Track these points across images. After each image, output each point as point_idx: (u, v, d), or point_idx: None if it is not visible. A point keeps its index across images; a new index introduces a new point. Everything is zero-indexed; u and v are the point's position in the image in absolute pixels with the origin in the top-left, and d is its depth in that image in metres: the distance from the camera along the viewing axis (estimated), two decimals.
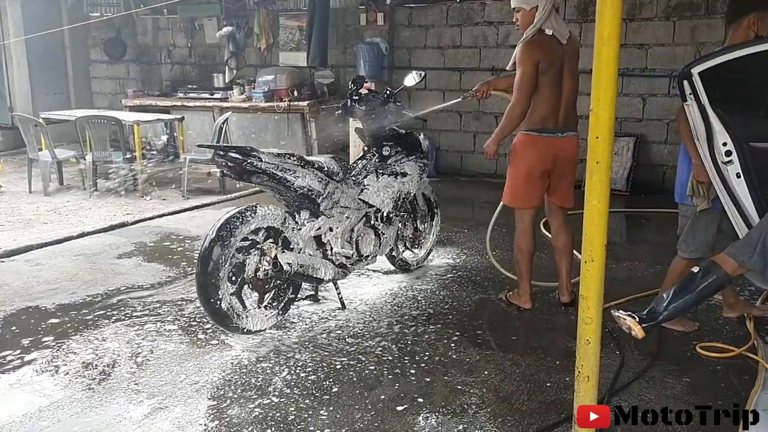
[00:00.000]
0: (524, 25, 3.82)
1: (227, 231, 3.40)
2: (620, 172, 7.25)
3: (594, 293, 2.34)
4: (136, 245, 5.47)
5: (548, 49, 3.77)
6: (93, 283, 4.59)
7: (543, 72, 3.75)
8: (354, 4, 8.82)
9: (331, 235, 3.90)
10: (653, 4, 7.07)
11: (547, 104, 3.81)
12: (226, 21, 9.30)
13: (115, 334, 3.75)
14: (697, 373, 3.29)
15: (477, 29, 8.06)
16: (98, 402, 3.02)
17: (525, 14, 3.79)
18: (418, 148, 4.54)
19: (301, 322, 3.91)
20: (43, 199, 7.07)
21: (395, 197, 4.29)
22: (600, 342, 2.39)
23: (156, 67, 10.46)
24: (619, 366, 3.31)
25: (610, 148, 2.22)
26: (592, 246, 2.29)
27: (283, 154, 3.66)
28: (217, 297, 3.38)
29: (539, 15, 3.73)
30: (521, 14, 3.82)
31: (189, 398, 3.05)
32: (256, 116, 8.78)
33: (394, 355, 3.48)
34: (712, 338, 3.60)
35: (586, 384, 2.44)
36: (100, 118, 7.37)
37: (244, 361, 3.41)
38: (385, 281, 4.60)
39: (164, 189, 7.60)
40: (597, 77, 2.16)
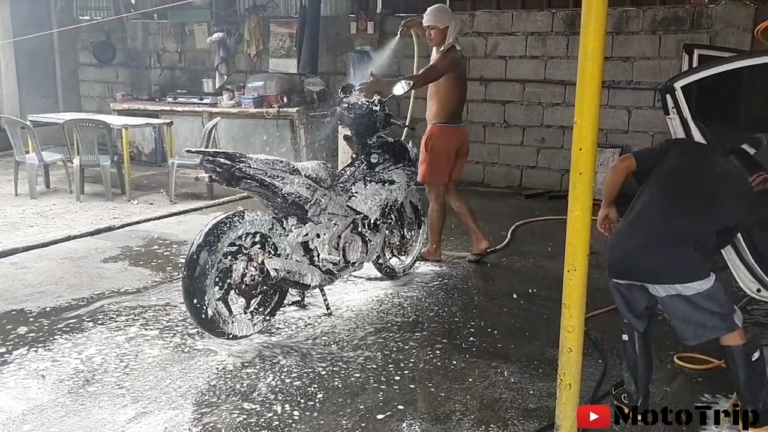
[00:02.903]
0: (437, 41, 4.86)
1: (215, 236, 3.41)
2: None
3: (576, 302, 2.38)
4: (123, 249, 5.45)
5: (460, 62, 4.93)
6: (78, 286, 4.57)
7: (456, 79, 4.82)
8: (344, 13, 8.88)
9: (318, 241, 3.92)
10: (640, 18, 7.17)
11: (456, 103, 4.92)
12: (217, 27, 9.32)
13: (100, 338, 3.74)
14: (676, 383, 3.33)
15: (466, 40, 8.11)
16: (82, 406, 3.01)
17: (438, 32, 4.83)
18: (405, 156, 4.58)
19: (287, 327, 3.92)
20: (30, 202, 7.03)
21: (383, 205, 4.32)
22: (582, 350, 2.43)
23: (145, 72, 10.45)
24: (601, 374, 3.35)
25: (593, 159, 2.27)
26: (575, 255, 2.34)
27: (271, 161, 3.68)
28: (204, 302, 3.38)
29: (452, 33, 4.80)
30: (435, 31, 4.83)
31: (173, 403, 3.05)
32: (245, 122, 8.79)
33: (379, 362, 3.50)
34: (691, 349, 3.63)
35: (568, 392, 2.48)
36: (88, 121, 7.34)
37: (229, 367, 3.42)
38: (371, 288, 4.62)
39: (152, 193, 7.58)
40: (581, 91, 2.21)
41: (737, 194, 2.82)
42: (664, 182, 2.86)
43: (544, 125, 7.82)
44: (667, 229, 2.74)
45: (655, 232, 2.75)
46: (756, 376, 2.78)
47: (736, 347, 2.77)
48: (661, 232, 2.74)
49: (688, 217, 2.76)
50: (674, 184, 2.84)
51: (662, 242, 2.72)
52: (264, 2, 9.27)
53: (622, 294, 2.93)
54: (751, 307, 4.21)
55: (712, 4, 6.85)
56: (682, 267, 2.71)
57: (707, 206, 2.78)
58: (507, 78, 7.94)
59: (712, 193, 2.79)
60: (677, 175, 2.86)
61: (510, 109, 7.99)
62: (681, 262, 2.71)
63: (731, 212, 2.83)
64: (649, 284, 2.80)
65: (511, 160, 8.06)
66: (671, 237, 2.72)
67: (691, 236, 2.73)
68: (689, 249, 2.72)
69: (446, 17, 4.84)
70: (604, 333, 3.83)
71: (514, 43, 7.84)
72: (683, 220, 2.75)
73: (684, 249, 2.72)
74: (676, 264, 2.71)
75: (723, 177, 2.84)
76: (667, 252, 2.71)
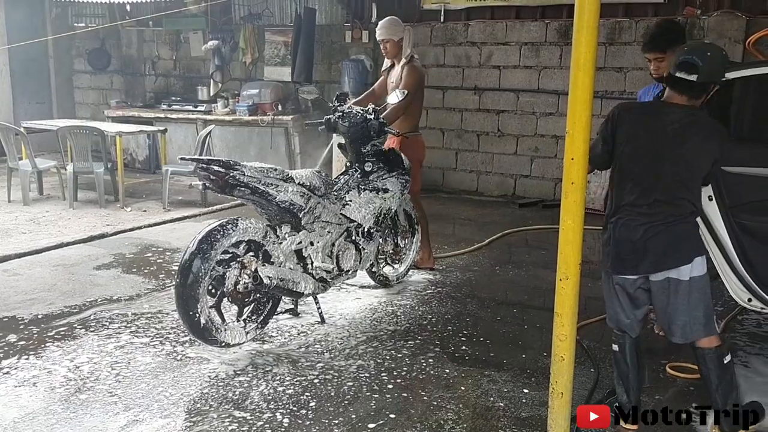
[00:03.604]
0: (393, 53, 4.96)
1: (208, 244, 3.40)
2: (598, 192, 7.35)
3: (568, 310, 2.39)
4: (115, 256, 5.44)
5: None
6: (71, 294, 4.55)
7: (421, 90, 4.99)
8: (339, 22, 8.91)
9: (311, 249, 3.92)
10: (632, 29, 7.22)
11: (420, 112, 5.12)
12: (212, 35, 9.34)
13: (92, 345, 3.73)
14: (668, 392, 3.34)
15: (460, 49, 8.16)
16: (74, 414, 3.00)
17: (393, 44, 4.92)
18: (399, 165, 4.59)
19: (279, 335, 3.92)
20: (22, 209, 7.01)
21: (376, 213, 4.33)
22: (574, 359, 2.44)
23: (140, 79, 10.44)
24: (593, 383, 3.36)
25: (585, 169, 2.29)
26: (567, 264, 2.35)
27: (265, 168, 3.68)
28: (196, 310, 3.37)
29: (408, 44, 4.91)
30: (390, 44, 4.93)
31: (165, 411, 3.04)
32: (239, 129, 8.80)
33: (371, 370, 3.50)
34: (682, 358, 3.64)
35: (560, 400, 2.48)
36: (82, 128, 7.33)
37: (221, 375, 3.41)
38: (364, 296, 4.62)
39: (145, 200, 7.57)
40: (573, 101, 2.23)
41: (702, 139, 2.76)
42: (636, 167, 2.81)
43: (538, 134, 7.86)
44: (664, 209, 2.74)
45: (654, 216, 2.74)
46: (727, 379, 2.82)
47: (710, 349, 2.81)
48: (660, 214, 2.74)
49: (675, 187, 2.75)
50: (645, 165, 2.79)
51: (663, 224, 2.73)
52: (259, 11, 9.30)
53: (627, 293, 2.88)
54: (741, 317, 4.23)
55: (704, 16, 6.90)
56: (685, 244, 2.74)
57: (683, 166, 2.75)
58: (501, 87, 7.98)
59: (682, 154, 2.74)
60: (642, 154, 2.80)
61: (504, 118, 8.02)
62: (684, 239, 2.74)
63: (706, 158, 2.78)
64: (652, 273, 2.78)
65: (505, 169, 8.09)
66: (670, 215, 2.73)
67: (687, 204, 2.75)
68: (689, 225, 2.76)
69: (399, 29, 4.92)
70: (597, 342, 3.84)
71: (508, 52, 7.89)
72: (674, 193, 2.75)
73: (684, 226, 2.75)
74: (680, 242, 2.73)
75: (683, 130, 2.74)
76: (671, 232, 2.72)
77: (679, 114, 2.77)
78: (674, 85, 2.81)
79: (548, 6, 7.64)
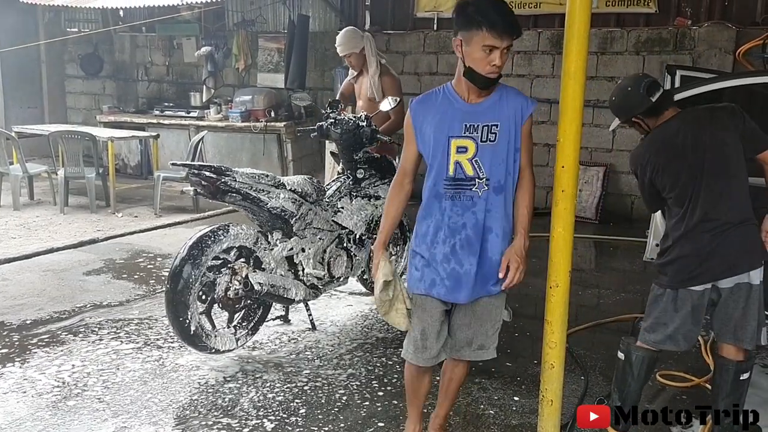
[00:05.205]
0: (358, 65, 4.95)
1: (199, 249, 3.40)
2: (590, 200, 7.39)
3: (558, 318, 2.40)
4: (106, 262, 5.41)
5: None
6: (60, 299, 4.53)
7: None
8: (332, 29, 8.92)
9: (303, 255, 3.92)
10: (624, 39, 7.27)
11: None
12: (205, 41, 9.34)
13: (81, 351, 3.71)
14: (658, 400, 3.35)
15: (453, 57, 8.11)
16: (62, 420, 2.97)
17: (356, 56, 4.91)
18: (391, 172, 4.58)
19: (270, 342, 3.91)
20: (13, 214, 6.97)
21: (368, 220, 4.32)
22: (564, 367, 2.44)
23: (132, 84, 10.43)
24: (583, 390, 3.36)
25: (576, 177, 2.30)
26: (557, 272, 2.35)
27: (257, 174, 3.68)
28: (187, 316, 3.36)
29: (372, 52, 4.88)
30: (353, 57, 4.92)
31: (154, 418, 3.02)
32: (232, 136, 8.79)
33: (362, 377, 3.49)
34: (673, 366, 3.65)
35: (549, 408, 2.48)
36: (73, 133, 7.31)
37: (211, 381, 3.39)
38: (355, 303, 4.62)
39: (137, 206, 7.55)
40: (563, 110, 2.25)
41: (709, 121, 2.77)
42: (685, 191, 2.77)
43: None
44: (729, 217, 2.70)
45: (724, 224, 2.69)
46: (738, 394, 2.80)
47: (732, 362, 2.77)
48: (728, 223, 2.69)
49: (729, 191, 2.72)
50: (689, 183, 2.75)
51: (732, 230, 2.69)
52: (253, 17, 9.31)
53: (692, 305, 2.77)
54: None
55: (695, 26, 6.97)
56: (754, 248, 2.71)
57: (732, 167, 2.72)
58: None
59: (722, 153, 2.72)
60: (690, 178, 2.75)
61: None
62: (753, 243, 2.72)
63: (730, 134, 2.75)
64: (721, 280, 2.72)
65: None
66: (735, 222, 2.70)
67: (748, 207, 2.72)
68: (752, 227, 2.73)
69: (358, 41, 4.90)
70: (587, 349, 3.84)
71: None
72: (733, 199, 2.72)
73: (750, 228, 2.72)
74: (750, 246, 2.70)
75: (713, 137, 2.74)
76: (740, 237, 2.69)
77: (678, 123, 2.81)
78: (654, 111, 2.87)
79: (540, 15, 7.70)
